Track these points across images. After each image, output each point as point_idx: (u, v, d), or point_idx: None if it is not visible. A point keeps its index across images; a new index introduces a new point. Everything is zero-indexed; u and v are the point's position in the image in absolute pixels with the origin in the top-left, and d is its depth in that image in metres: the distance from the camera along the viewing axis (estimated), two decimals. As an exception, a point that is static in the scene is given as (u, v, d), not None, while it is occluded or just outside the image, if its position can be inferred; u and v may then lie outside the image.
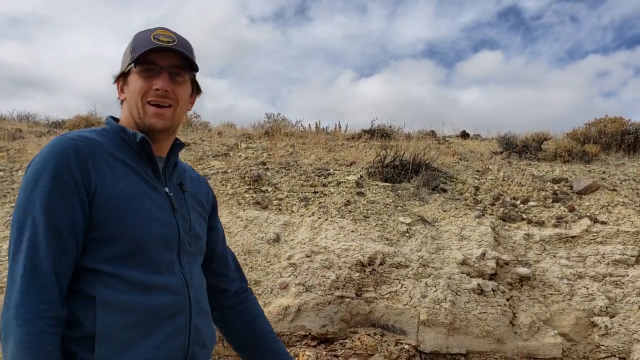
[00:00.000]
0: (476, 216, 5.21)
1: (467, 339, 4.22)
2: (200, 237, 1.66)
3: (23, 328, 1.25)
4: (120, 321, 1.38)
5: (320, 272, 4.52)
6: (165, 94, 1.51)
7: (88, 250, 1.41)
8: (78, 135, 1.45)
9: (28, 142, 9.11)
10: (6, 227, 5.45)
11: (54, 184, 1.35)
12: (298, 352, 4.15)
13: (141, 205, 1.46)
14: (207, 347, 1.61)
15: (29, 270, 1.30)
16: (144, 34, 1.55)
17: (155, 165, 1.56)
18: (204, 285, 1.67)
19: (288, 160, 7.48)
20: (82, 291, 1.40)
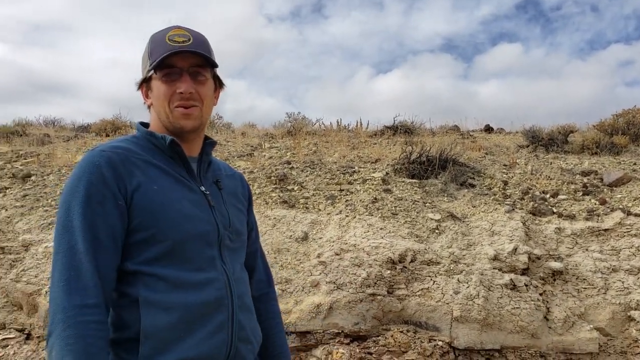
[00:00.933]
0: (506, 211, 5.17)
1: (501, 335, 4.19)
2: (240, 232, 1.68)
3: (68, 332, 1.29)
4: (163, 320, 1.41)
5: (350, 270, 4.53)
6: (190, 96, 1.53)
7: (130, 254, 1.45)
8: (109, 147, 1.50)
9: (57, 147, 9.25)
10: (40, 230, 5.56)
11: (89, 194, 1.39)
12: (332, 350, 4.16)
13: (178, 205, 1.49)
14: (252, 342, 1.62)
15: (72, 276, 1.33)
16: (159, 36, 1.56)
17: (188, 166, 1.58)
18: (247, 281, 1.69)
19: (312, 159, 7.49)
20: (126, 294, 1.44)
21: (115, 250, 1.42)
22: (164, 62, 1.51)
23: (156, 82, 1.55)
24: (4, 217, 5.84)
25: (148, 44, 1.58)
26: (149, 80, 1.57)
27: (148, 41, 1.58)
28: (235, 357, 1.52)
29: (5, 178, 7.20)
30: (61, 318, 1.30)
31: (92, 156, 1.45)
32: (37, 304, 4.70)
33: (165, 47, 1.51)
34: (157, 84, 1.54)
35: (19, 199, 6.28)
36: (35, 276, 4.83)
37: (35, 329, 4.65)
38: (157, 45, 1.54)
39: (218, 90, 1.68)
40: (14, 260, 5.39)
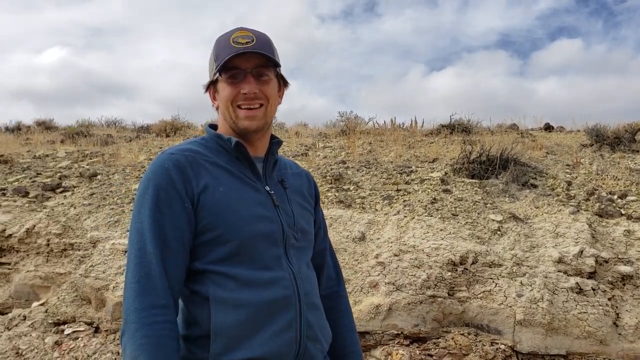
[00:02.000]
0: (571, 212, 5.01)
1: (567, 340, 4.06)
2: (306, 231, 1.69)
3: (141, 332, 1.34)
4: (232, 318, 1.45)
5: (410, 271, 4.49)
6: (253, 96, 1.56)
7: (198, 254, 1.50)
8: (177, 149, 1.55)
9: (120, 147, 9.59)
10: (107, 227, 5.77)
11: (158, 197, 1.45)
12: (391, 351, 4.15)
13: (243, 206, 1.52)
14: (321, 342, 1.62)
15: (143, 277, 1.39)
16: (224, 38, 1.59)
17: (253, 166, 1.62)
18: (314, 279, 1.70)
19: (368, 159, 7.47)
20: (197, 292, 1.49)
21: (183, 252, 1.47)
22: (228, 64, 1.55)
23: (222, 84, 1.59)
24: (72, 215, 6.09)
25: (214, 47, 1.61)
26: (216, 82, 1.61)
27: (214, 44, 1.62)
28: (304, 355, 1.54)
29: (73, 177, 7.51)
30: (133, 319, 1.36)
31: (162, 159, 1.51)
32: (105, 298, 4.89)
33: (229, 50, 1.54)
34: (222, 86, 1.58)
35: (87, 197, 6.54)
36: (103, 272, 5.02)
37: (103, 322, 4.83)
38: (222, 48, 1.58)
39: (282, 89, 1.70)
40: (82, 256, 5.62)
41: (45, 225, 5.92)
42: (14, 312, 5.36)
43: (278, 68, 1.63)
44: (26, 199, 6.64)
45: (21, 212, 6.35)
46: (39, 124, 17.09)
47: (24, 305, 5.53)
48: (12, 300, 5.63)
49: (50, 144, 11.49)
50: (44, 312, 5.18)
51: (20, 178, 7.51)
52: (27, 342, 4.83)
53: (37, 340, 4.84)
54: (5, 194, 6.74)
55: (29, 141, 12.27)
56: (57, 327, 4.98)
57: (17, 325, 5.15)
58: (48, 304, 5.26)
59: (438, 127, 10.39)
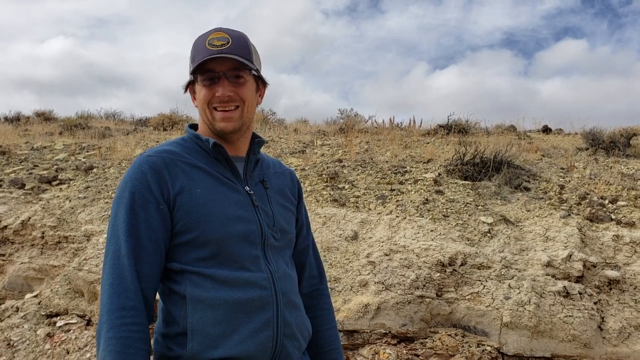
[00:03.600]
0: (562, 216, 5.04)
1: (552, 343, 4.10)
2: (286, 231, 1.71)
3: (110, 333, 1.38)
4: (209, 317, 1.48)
5: (399, 271, 4.53)
6: (228, 99, 1.58)
7: (176, 254, 1.53)
8: (154, 151, 1.57)
9: (117, 141, 9.61)
10: (101, 221, 5.81)
11: (134, 199, 1.49)
12: (379, 350, 4.19)
13: (220, 207, 1.54)
14: (298, 339, 1.64)
15: (115, 279, 1.43)
16: (200, 40, 1.60)
17: (233, 167, 1.63)
18: (293, 278, 1.72)
19: (364, 157, 7.50)
20: (175, 291, 1.52)
21: (158, 253, 1.50)
22: (203, 67, 1.57)
23: (198, 86, 1.61)
24: (67, 208, 6.13)
25: (192, 48, 1.63)
26: (194, 83, 1.64)
27: (192, 45, 1.63)
28: (281, 353, 1.56)
29: (69, 170, 7.55)
30: (105, 320, 1.40)
31: (139, 162, 1.54)
32: (98, 292, 4.93)
33: (204, 52, 1.56)
34: (198, 88, 1.61)
35: (82, 190, 6.57)
36: (96, 265, 5.06)
37: (95, 315, 4.88)
38: (197, 50, 1.59)
39: (262, 89, 1.71)
40: (76, 249, 5.67)
41: (40, 217, 5.96)
42: (7, 304, 5.40)
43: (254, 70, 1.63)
44: (22, 191, 6.68)
45: (17, 204, 6.39)
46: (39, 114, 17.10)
47: (17, 297, 5.57)
48: (5, 291, 5.67)
49: (48, 135, 11.51)
50: (37, 304, 5.23)
51: (17, 170, 7.55)
52: (19, 333, 4.87)
53: (29, 332, 4.89)
54: (2, 185, 6.78)
55: (28, 132, 12.29)
56: (49, 319, 5.03)
57: (9, 316, 5.19)
58: (41, 296, 5.30)
59: (435, 127, 10.42)
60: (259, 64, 1.68)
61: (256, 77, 1.66)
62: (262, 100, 1.73)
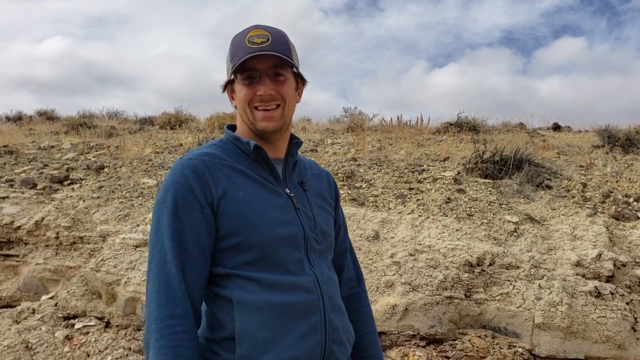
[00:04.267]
0: (588, 215, 4.96)
1: (586, 344, 4.03)
2: (327, 234, 1.67)
3: (160, 342, 1.35)
4: (257, 321, 1.44)
5: (426, 272, 4.45)
6: (269, 98, 1.53)
7: (221, 259, 1.49)
8: (195, 154, 1.54)
9: (125, 140, 9.51)
10: (117, 221, 5.72)
11: (177, 204, 1.45)
12: (408, 352, 4.11)
13: (263, 211, 1.50)
14: (345, 345, 1.61)
15: (162, 286, 1.40)
16: (239, 38, 1.56)
17: (273, 169, 1.59)
18: (336, 281, 1.68)
19: (378, 156, 7.42)
20: (220, 295, 1.48)
21: (204, 259, 1.46)
22: (243, 66, 1.52)
23: (238, 86, 1.56)
24: (81, 208, 6.03)
25: (230, 46, 1.59)
26: (233, 82, 1.59)
27: (230, 43, 1.59)
28: (330, 359, 1.52)
29: (80, 169, 7.45)
30: (154, 328, 1.37)
31: (180, 166, 1.50)
32: (116, 293, 4.84)
33: (244, 50, 1.52)
34: (238, 87, 1.56)
35: (95, 190, 6.48)
36: (114, 266, 4.97)
37: (114, 317, 4.79)
38: (237, 48, 1.55)
39: (301, 87, 1.67)
40: (92, 250, 5.58)
41: (54, 217, 5.86)
42: (23, 305, 5.31)
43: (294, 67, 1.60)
44: (34, 191, 6.58)
45: (29, 204, 6.29)
46: (41, 114, 17.02)
47: (32, 299, 5.48)
48: (20, 293, 5.58)
49: (54, 134, 11.42)
50: (53, 306, 5.13)
51: (27, 169, 7.45)
52: (36, 336, 4.78)
53: (47, 334, 4.80)
54: (13, 185, 6.68)
55: (32, 131, 12.20)
56: (67, 321, 4.93)
57: (26, 318, 5.10)
58: (58, 297, 5.21)
59: (445, 125, 10.35)
60: (298, 62, 1.64)
61: (295, 75, 1.62)
62: (300, 98, 1.69)
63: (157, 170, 7.10)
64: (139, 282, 4.76)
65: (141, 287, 4.72)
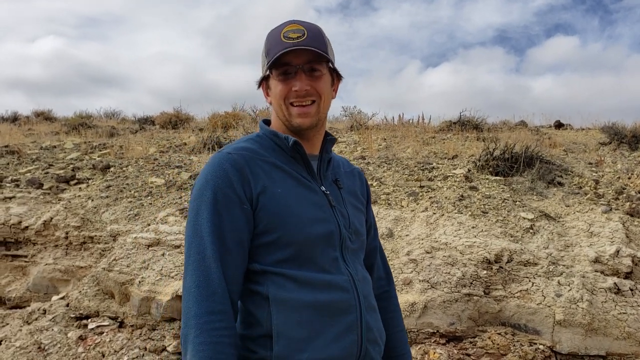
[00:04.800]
0: (603, 211, 4.96)
1: (607, 341, 4.02)
2: (360, 233, 1.65)
3: (200, 339, 1.33)
4: (293, 319, 1.42)
5: (443, 269, 4.43)
6: (305, 94, 1.51)
7: (257, 255, 1.47)
8: (234, 149, 1.51)
9: (127, 139, 9.45)
10: (127, 221, 5.67)
11: (216, 199, 1.42)
12: (428, 350, 4.09)
13: (301, 208, 1.49)
14: (379, 344, 1.60)
15: (202, 282, 1.37)
16: (275, 33, 1.54)
17: (309, 166, 1.57)
18: (369, 280, 1.67)
19: (386, 154, 7.40)
20: (256, 292, 1.46)
21: (242, 255, 1.45)
22: (279, 61, 1.50)
23: (273, 81, 1.54)
24: (90, 208, 5.98)
25: (265, 42, 1.57)
26: (268, 78, 1.57)
27: (265, 39, 1.57)
28: (365, 358, 1.51)
29: (86, 169, 7.39)
30: (194, 324, 1.34)
31: (219, 159, 1.47)
32: (130, 293, 4.79)
33: (280, 45, 1.50)
34: (274, 83, 1.54)
35: (103, 189, 6.42)
36: (127, 266, 4.92)
37: (128, 317, 4.74)
38: (272, 43, 1.53)
39: (336, 83, 1.65)
40: (102, 249, 5.52)
41: (63, 217, 5.80)
42: (33, 306, 5.25)
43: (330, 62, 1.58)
44: (40, 191, 6.51)
45: (36, 204, 6.23)
46: (38, 114, 16.90)
47: (43, 299, 5.42)
48: (30, 293, 5.52)
49: (54, 134, 11.33)
50: (64, 306, 5.08)
51: (31, 169, 7.38)
52: (49, 336, 4.72)
53: (60, 334, 4.74)
54: (19, 185, 6.61)
55: (32, 132, 12.11)
56: (79, 321, 4.88)
57: (37, 319, 5.04)
58: (69, 297, 5.15)
59: (448, 123, 10.35)
60: (334, 57, 1.62)
61: (331, 70, 1.60)
62: (336, 94, 1.67)
63: (164, 170, 7.05)
64: (153, 282, 4.71)
65: (156, 287, 4.68)
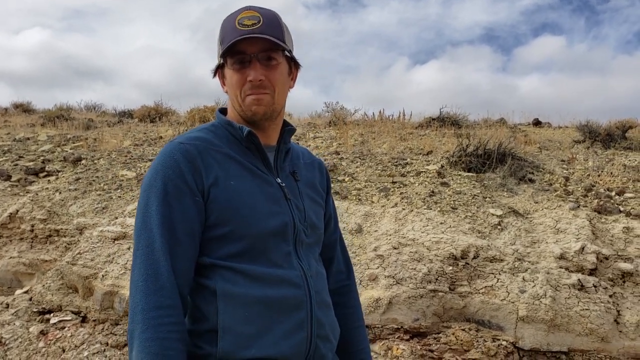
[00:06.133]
0: (571, 208, 4.97)
1: (569, 337, 4.02)
2: (316, 226, 1.61)
3: (147, 334, 1.28)
4: (241, 314, 1.38)
5: (410, 265, 4.41)
6: (259, 84, 1.46)
7: (207, 249, 1.42)
8: (186, 138, 1.47)
9: (103, 132, 9.33)
10: (95, 214, 5.58)
11: (166, 189, 1.37)
12: (391, 345, 4.06)
13: (254, 201, 1.44)
14: (331, 341, 1.56)
15: (150, 275, 1.32)
16: (229, 20, 1.49)
17: (265, 157, 1.52)
18: (324, 275, 1.63)
19: (361, 150, 7.37)
20: (205, 286, 1.41)
21: (193, 247, 1.40)
22: (233, 49, 1.45)
23: (228, 70, 1.50)
24: (57, 200, 5.88)
25: (220, 29, 1.51)
26: (223, 67, 1.52)
27: (220, 26, 1.52)
28: (315, 355, 1.48)
29: (57, 161, 7.28)
30: (140, 319, 1.30)
31: (171, 149, 1.42)
32: (93, 287, 4.72)
33: (234, 33, 1.45)
34: (229, 72, 1.50)
35: (72, 182, 6.32)
36: (91, 260, 4.84)
37: (91, 312, 4.66)
38: (227, 30, 1.48)
39: (294, 72, 1.60)
40: (68, 243, 5.44)
41: (29, 210, 5.70)
42: (-4, 300, 5.15)
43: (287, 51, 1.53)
44: (8, 183, 6.40)
45: (3, 196, 6.12)
46: (17, 106, 16.66)
47: (6, 293, 5.32)
48: (-7, 287, 5.42)
49: (30, 127, 11.17)
50: (28, 300, 4.99)
51: (1, 161, 7.25)
52: (10, 331, 4.64)
53: (21, 329, 4.65)
54: (-14, 177, 6.49)
55: (8, 123, 11.92)
56: (42, 316, 4.79)
57: (-1, 313, 4.95)
58: (32, 291, 5.06)
59: (427, 119, 10.35)
60: (292, 45, 1.57)
61: (289, 59, 1.55)
62: (294, 83, 1.62)
63: (137, 163, 6.96)
64: (117, 276, 4.64)
65: (119, 281, 4.61)
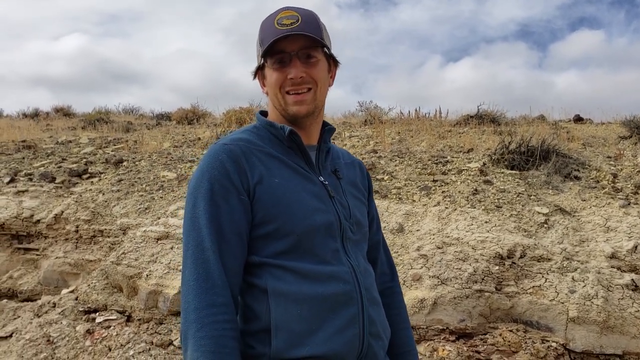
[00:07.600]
0: (621, 205, 4.81)
1: (623, 339, 3.88)
2: (361, 224, 1.60)
3: (201, 333, 1.28)
4: (293, 312, 1.37)
5: (454, 265, 4.32)
6: (300, 81, 1.47)
7: (255, 247, 1.42)
8: (230, 139, 1.48)
9: (143, 134, 9.47)
10: (137, 214, 5.66)
11: (213, 189, 1.39)
12: (437, 347, 3.99)
13: (299, 198, 1.44)
14: (383, 339, 1.54)
15: (201, 274, 1.33)
16: (268, 21, 1.50)
17: (307, 156, 1.53)
18: (372, 273, 1.61)
19: (399, 148, 7.29)
20: (255, 285, 1.41)
21: (241, 246, 1.40)
22: (273, 48, 1.46)
23: (268, 70, 1.50)
24: (101, 201, 5.98)
25: (259, 31, 1.52)
26: (263, 68, 1.53)
27: (259, 27, 1.53)
28: (367, 353, 1.45)
29: (99, 163, 7.41)
30: (194, 318, 1.30)
31: (215, 151, 1.44)
32: (137, 286, 4.77)
33: (273, 33, 1.46)
34: (269, 72, 1.50)
35: (115, 183, 6.42)
36: (135, 259, 4.90)
37: (135, 311, 4.72)
38: (266, 31, 1.49)
39: (333, 69, 1.61)
40: (112, 243, 5.52)
41: (73, 211, 5.81)
42: (43, 299, 5.26)
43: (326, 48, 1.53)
44: (53, 185, 6.54)
45: (48, 198, 6.26)
46: (57, 110, 17.09)
47: (53, 292, 5.44)
48: (40, 286, 5.54)
49: (71, 130, 11.43)
50: (74, 300, 5.08)
51: (45, 163, 7.42)
52: (57, 329, 4.73)
53: (68, 328, 4.74)
54: (32, 179, 6.65)
55: (50, 127, 12.23)
56: (87, 315, 4.88)
57: (46, 312, 5.06)
58: (78, 291, 5.15)
59: (465, 117, 10.19)
60: (329, 43, 1.57)
61: (327, 56, 1.55)
62: (333, 81, 1.62)
63: (177, 164, 7.04)
64: (160, 275, 4.69)
65: (163, 280, 4.65)
